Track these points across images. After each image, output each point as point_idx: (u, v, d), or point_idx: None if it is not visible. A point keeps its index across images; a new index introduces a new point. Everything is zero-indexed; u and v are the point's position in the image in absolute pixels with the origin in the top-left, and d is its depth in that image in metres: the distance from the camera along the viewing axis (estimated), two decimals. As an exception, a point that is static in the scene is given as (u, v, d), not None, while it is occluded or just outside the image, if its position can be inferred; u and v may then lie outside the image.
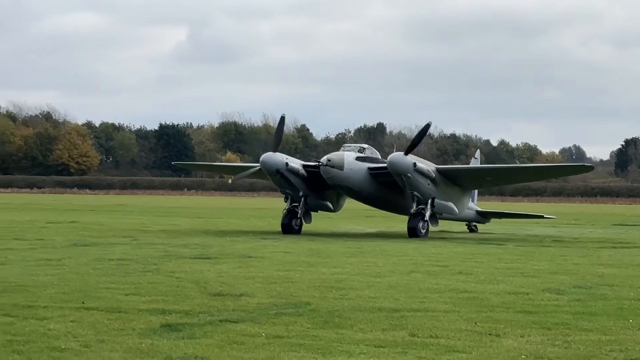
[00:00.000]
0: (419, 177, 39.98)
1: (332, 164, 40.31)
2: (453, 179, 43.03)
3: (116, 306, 16.88)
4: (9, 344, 12.90)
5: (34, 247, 31.65)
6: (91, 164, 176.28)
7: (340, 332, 14.39)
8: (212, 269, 24.43)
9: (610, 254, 32.55)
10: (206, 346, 13.02)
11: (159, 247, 32.46)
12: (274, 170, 41.23)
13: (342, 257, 29.29)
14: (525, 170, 50.01)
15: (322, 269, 24.80)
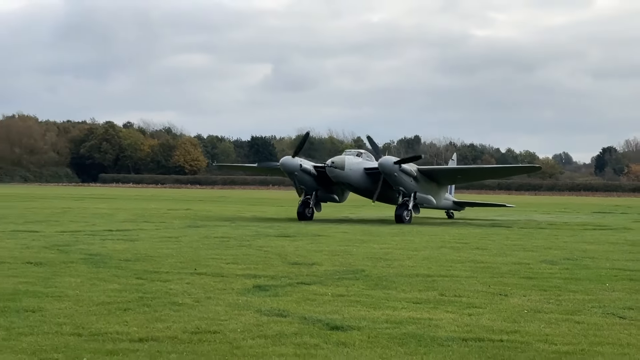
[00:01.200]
0: (404, 176, 39.34)
1: (335, 165, 39.52)
2: (432, 177, 42.18)
3: (219, 272, 16.92)
4: (140, 299, 12.97)
5: (159, 228, 31.83)
6: (200, 166, 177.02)
7: (387, 292, 14.35)
8: (291, 245, 24.45)
9: (592, 234, 32.26)
10: (287, 302, 13.03)
11: (251, 228, 32.54)
12: (291, 171, 40.41)
13: (388, 236, 29.22)
14: (486, 170, 49.99)
15: (373, 245, 24.75)
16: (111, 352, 9.21)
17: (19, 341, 9.66)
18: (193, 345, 9.67)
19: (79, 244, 23.31)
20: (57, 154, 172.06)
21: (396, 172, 38.92)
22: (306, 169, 40.23)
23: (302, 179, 40.38)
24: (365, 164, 40.31)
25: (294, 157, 40.80)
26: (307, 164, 40.72)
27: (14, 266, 17.23)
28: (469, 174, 47.59)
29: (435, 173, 43.04)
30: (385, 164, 39.01)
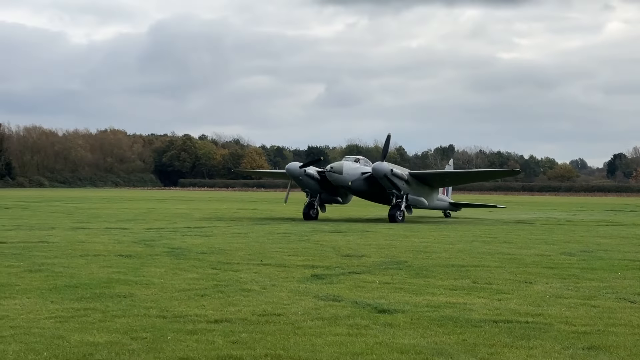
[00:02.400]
0: (396, 179, 37.20)
1: (334, 170, 37.55)
2: (423, 180, 39.95)
3: (282, 263, 16.96)
4: (215, 286, 13.02)
5: (230, 225, 31.96)
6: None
7: (426, 280, 14.29)
8: (343, 239, 24.43)
9: (605, 230, 31.82)
10: (340, 288, 13.01)
11: (308, 225, 32.57)
12: (295, 176, 38.56)
13: (427, 232, 29.08)
14: (470, 173, 47.10)
15: (414, 239, 24.65)
16: (191, 331, 9.27)
17: (113, 322, 9.75)
18: (261, 325, 9.70)
19: (163, 239, 23.49)
20: (143, 162, 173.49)
21: (389, 175, 36.97)
22: (310, 173, 38.56)
23: (306, 182, 38.69)
24: (363, 169, 38.25)
25: (296, 163, 39.87)
26: (311, 169, 38.95)
27: (108, 258, 17.40)
28: (456, 177, 44.22)
29: (425, 177, 40.96)
30: (378, 169, 37.17)
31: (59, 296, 11.72)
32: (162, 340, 8.77)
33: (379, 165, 37.19)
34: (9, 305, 10.83)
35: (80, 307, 10.74)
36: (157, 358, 8.01)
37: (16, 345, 8.35)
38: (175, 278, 14.06)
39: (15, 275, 14.08)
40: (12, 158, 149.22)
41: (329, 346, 8.62)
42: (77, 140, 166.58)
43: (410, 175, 38.32)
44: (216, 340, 8.82)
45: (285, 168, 39.58)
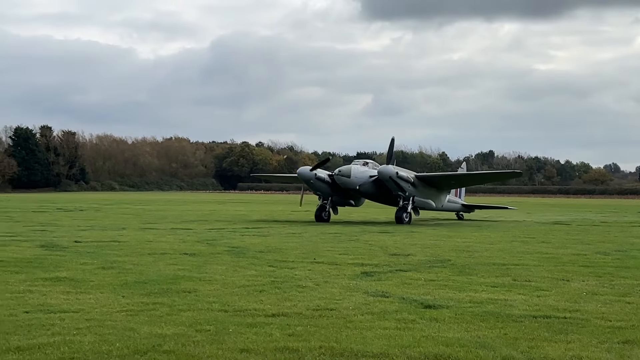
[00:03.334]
0: (401, 181, 35.60)
1: (342, 174, 36.00)
2: (430, 183, 38.04)
3: (334, 261, 16.95)
4: (272, 283, 13.04)
5: (285, 225, 32.04)
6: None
7: (469, 278, 14.17)
8: (390, 239, 24.36)
9: (638, 230, 31.32)
10: (388, 285, 12.97)
11: (358, 226, 32.55)
12: (307, 179, 36.96)
13: (469, 232, 28.86)
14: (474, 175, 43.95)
15: (457, 239, 24.47)
16: (251, 324, 9.30)
17: (179, 315, 9.83)
18: (315, 319, 9.70)
19: (223, 238, 23.62)
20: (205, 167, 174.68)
21: (394, 178, 35.44)
22: (321, 177, 36.82)
23: (317, 186, 36.98)
24: (371, 172, 36.51)
25: (307, 167, 38.38)
26: (322, 173, 37.21)
27: (174, 256, 17.54)
28: (460, 179, 41.57)
29: (432, 179, 39.00)
30: (383, 172, 35.72)
31: (130, 291, 11.85)
32: (224, 332, 8.81)
33: (385, 168, 35.94)
34: (85, 300, 10.97)
35: (149, 302, 10.84)
36: (220, 349, 8.05)
37: (91, 337, 8.45)
38: (235, 275, 14.13)
39: (89, 272, 14.26)
40: (86, 164, 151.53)
41: (379, 339, 8.59)
42: (145, 148, 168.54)
43: (416, 178, 36.87)
44: (274, 333, 8.84)
45: (297, 172, 38.23)
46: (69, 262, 15.77)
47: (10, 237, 22.54)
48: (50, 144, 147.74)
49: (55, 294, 11.49)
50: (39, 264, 15.32)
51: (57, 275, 13.63)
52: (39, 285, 12.40)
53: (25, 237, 22.95)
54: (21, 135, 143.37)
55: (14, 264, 15.18)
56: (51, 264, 15.36)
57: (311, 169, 37.23)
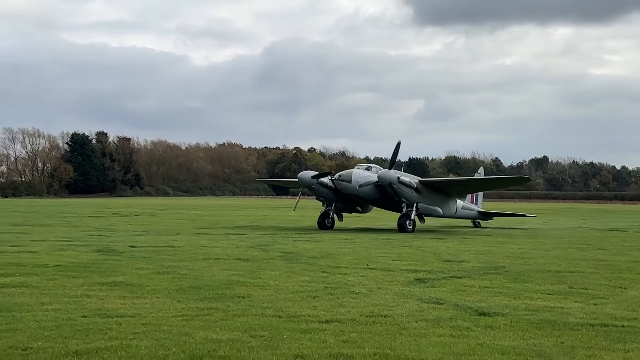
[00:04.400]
0: (403, 187, 33.26)
1: (342, 179, 34.00)
2: (436, 189, 35.57)
3: (387, 267, 16.89)
4: (326, 289, 13.03)
5: (336, 231, 32.00)
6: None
7: (524, 285, 14.01)
8: (443, 245, 24.21)
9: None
10: (442, 292, 12.88)
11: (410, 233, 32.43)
12: (308, 185, 35.10)
13: (523, 238, 28.53)
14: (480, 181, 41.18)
15: (511, 246, 24.22)
16: (305, 330, 9.31)
17: (234, 321, 9.88)
18: (369, 326, 9.67)
19: (276, 244, 23.71)
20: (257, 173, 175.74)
21: (395, 183, 33.15)
22: (323, 182, 34.84)
23: (319, 191, 35.03)
24: (373, 177, 34.23)
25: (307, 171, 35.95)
26: (325, 178, 35.22)
27: (228, 261, 17.64)
28: (466, 184, 38.76)
29: (436, 185, 36.55)
30: (383, 177, 33.40)
31: (185, 296, 11.95)
32: (279, 338, 8.84)
33: (385, 173, 33.61)
34: (141, 304, 11.10)
35: (203, 307, 10.92)
36: (274, 355, 8.08)
37: (148, 341, 8.54)
38: (288, 280, 14.16)
39: (145, 276, 14.41)
40: (141, 169, 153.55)
41: (433, 346, 8.53)
42: (198, 153, 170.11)
43: (420, 183, 34.60)
44: (328, 339, 8.84)
45: (298, 177, 36.08)
46: (125, 267, 15.97)
47: (68, 242, 22.90)
48: (106, 150, 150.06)
49: (112, 298, 11.64)
50: (96, 269, 15.54)
51: (114, 279, 13.80)
52: (96, 289, 12.57)
53: (82, 242, 23.30)
54: (78, 141, 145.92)
55: (71, 269, 15.42)
56: (108, 269, 15.56)
57: (313, 176, 35.13)
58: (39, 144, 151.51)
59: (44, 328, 9.14)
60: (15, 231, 28.68)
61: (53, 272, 14.81)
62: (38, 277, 13.90)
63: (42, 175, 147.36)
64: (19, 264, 16.17)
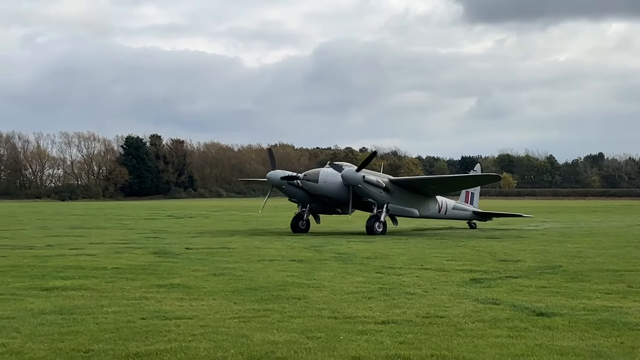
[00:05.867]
0: (370, 187, 30.96)
1: (308, 178, 31.56)
2: (409, 188, 32.83)
3: (441, 267, 16.82)
4: (380, 289, 13.02)
5: (389, 231, 31.93)
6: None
7: (582, 284, 13.84)
8: (498, 244, 24.01)
9: None
10: (498, 292, 12.79)
11: (464, 231, 32.23)
12: (278, 185, 32.62)
13: (579, 237, 28.14)
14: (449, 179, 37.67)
15: (567, 245, 23.91)
16: (361, 332, 9.32)
17: (290, 322, 9.93)
18: (425, 327, 9.65)
19: (330, 244, 23.76)
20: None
21: (360, 183, 30.83)
22: (293, 182, 32.37)
23: (290, 192, 32.49)
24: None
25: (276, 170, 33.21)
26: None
27: (282, 263, 17.74)
28: (437, 183, 35.24)
29: (408, 183, 33.65)
30: (347, 177, 31.06)
31: (241, 298, 12.05)
32: (335, 339, 8.86)
33: (348, 173, 31.19)
34: (198, 306, 11.22)
35: (260, 308, 11.00)
36: (332, 356, 8.11)
37: (206, 343, 8.64)
38: (343, 281, 14.18)
39: (201, 278, 14.57)
40: (194, 171, 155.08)
41: (491, 347, 8.48)
42: (251, 155, 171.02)
43: (391, 183, 32.16)
44: (384, 340, 8.84)
45: (267, 176, 33.64)
46: (182, 269, 16.15)
47: (124, 245, 23.25)
48: (160, 152, 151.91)
49: (170, 300, 11.79)
50: (153, 271, 15.75)
51: (171, 281, 13.98)
52: (154, 291, 12.74)
53: (138, 244, 23.63)
54: (132, 144, 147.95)
55: (129, 271, 15.65)
56: (165, 271, 15.76)
57: (282, 177, 32.46)
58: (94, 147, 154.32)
59: (104, 330, 9.30)
60: (74, 234, 29.19)
61: (111, 274, 15.05)
62: (97, 280, 14.14)
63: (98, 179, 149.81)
64: (78, 266, 16.46)
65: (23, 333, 9.12)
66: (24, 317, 10.17)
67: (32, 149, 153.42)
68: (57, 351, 8.26)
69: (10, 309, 10.77)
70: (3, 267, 16.16)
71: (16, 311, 10.61)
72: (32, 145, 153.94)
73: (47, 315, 10.33)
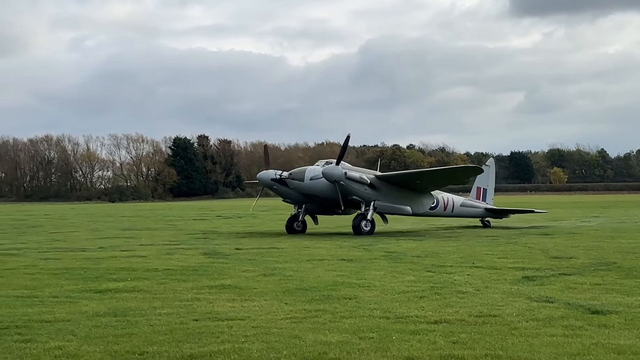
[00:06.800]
0: (353, 184, 29.42)
1: (293, 177, 30.32)
2: (397, 184, 30.90)
3: (493, 265, 16.69)
4: (432, 288, 12.95)
5: (440, 229, 31.78)
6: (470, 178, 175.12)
7: (637, 281, 13.63)
8: (550, 241, 23.76)
9: None
10: (552, 290, 12.66)
11: (515, 229, 31.91)
12: (269, 186, 31.38)
13: (634, 232, 27.74)
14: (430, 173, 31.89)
15: (621, 240, 23.58)
16: (413, 332, 9.29)
17: (342, 322, 9.93)
18: (478, 326, 9.59)
19: (379, 243, 23.73)
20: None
21: (342, 180, 29.24)
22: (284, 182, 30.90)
23: (283, 192, 31.16)
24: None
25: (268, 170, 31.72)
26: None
27: (332, 262, 17.76)
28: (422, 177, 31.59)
29: (395, 179, 31.27)
30: (327, 173, 29.51)
31: (292, 298, 12.09)
32: (388, 340, 8.85)
33: (329, 169, 29.65)
34: (250, 307, 11.28)
35: (311, 309, 11.03)
36: (385, 357, 8.10)
37: (259, 344, 8.68)
38: (394, 280, 14.16)
39: (252, 279, 14.64)
40: (242, 171, 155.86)
41: (546, 347, 8.40)
42: (298, 153, 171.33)
43: (377, 179, 30.43)
44: (437, 340, 8.80)
45: (257, 177, 32.50)
46: (232, 270, 16.25)
47: (175, 245, 23.48)
48: (207, 153, 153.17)
49: (222, 301, 11.87)
50: (203, 272, 15.87)
51: (222, 282, 14.07)
52: (205, 292, 12.84)
53: (189, 245, 23.84)
54: (180, 145, 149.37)
55: (180, 272, 15.79)
56: (215, 272, 15.88)
57: (273, 178, 31.15)
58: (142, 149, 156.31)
59: (158, 332, 9.40)
60: (124, 236, 29.55)
61: (163, 276, 15.21)
62: (149, 282, 14.30)
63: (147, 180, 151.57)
64: (130, 268, 16.66)
65: (78, 335, 9.26)
66: (79, 319, 10.32)
67: (81, 151, 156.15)
68: (113, 353, 8.37)
69: (65, 312, 10.94)
70: (57, 270, 16.41)
71: (71, 314, 10.77)
72: (81, 148, 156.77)
73: (101, 317, 10.47)
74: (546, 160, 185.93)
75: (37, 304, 11.74)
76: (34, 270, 16.48)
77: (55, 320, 10.29)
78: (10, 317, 10.46)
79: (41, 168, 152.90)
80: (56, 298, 12.36)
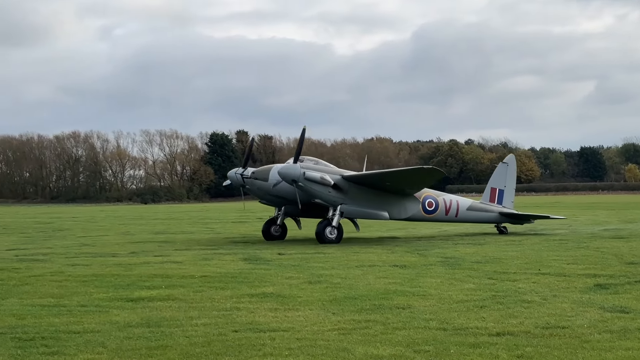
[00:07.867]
0: (314, 185, 27.40)
1: (256, 177, 28.67)
2: (368, 185, 28.70)
3: (561, 272, 16.55)
4: (493, 297, 12.91)
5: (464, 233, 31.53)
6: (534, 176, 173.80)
7: None
8: (626, 245, 23.48)
9: None
10: (627, 299, 12.53)
11: (586, 231, 31.56)
12: (238, 185, 29.78)
13: None
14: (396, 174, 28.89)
15: None
16: (473, 345, 9.26)
17: (395, 334, 9.93)
18: (545, 339, 9.52)
19: (435, 247, 23.66)
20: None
21: (301, 180, 27.24)
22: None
23: (257, 193, 29.53)
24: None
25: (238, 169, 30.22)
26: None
27: (383, 269, 17.75)
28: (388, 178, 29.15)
29: (363, 180, 28.86)
30: (283, 174, 27.71)
31: (340, 308, 12.11)
32: (445, 353, 8.83)
33: (285, 169, 27.81)
34: (294, 317, 11.33)
35: (361, 319, 11.04)
36: (442, 372, 8.09)
37: (304, 358, 8.72)
38: (451, 289, 14.11)
39: (296, 286, 14.70)
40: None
41: (621, 362, 8.32)
42: (345, 150, 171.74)
43: (344, 180, 28.26)
44: (500, 354, 8.76)
45: (227, 175, 31.06)
46: (274, 277, 16.33)
47: (212, 250, 23.64)
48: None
49: (263, 311, 11.94)
50: (243, 279, 15.97)
51: (263, 290, 14.15)
52: (246, 301, 12.92)
53: (227, 250, 23.99)
54: (217, 142, 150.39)
55: (218, 279, 15.90)
56: (256, 279, 15.96)
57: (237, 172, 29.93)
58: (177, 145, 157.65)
59: (195, 344, 9.48)
60: (158, 240, 29.83)
61: (200, 283, 15.33)
62: (185, 290, 14.41)
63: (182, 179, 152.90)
64: (164, 275, 16.82)
65: (109, 348, 9.38)
66: (110, 330, 10.45)
67: (111, 148, 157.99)
68: (146, 367, 8.47)
69: (94, 322, 11.08)
70: (85, 277, 16.62)
71: (101, 324, 10.91)
72: (111, 145, 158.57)
73: (133, 328, 10.59)
74: (620, 156, 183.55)
75: (65, 313, 11.91)
76: (61, 277, 16.70)
77: (84, 331, 10.43)
78: (36, 328, 10.64)
79: (68, 167, 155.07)
80: (85, 307, 12.52)
